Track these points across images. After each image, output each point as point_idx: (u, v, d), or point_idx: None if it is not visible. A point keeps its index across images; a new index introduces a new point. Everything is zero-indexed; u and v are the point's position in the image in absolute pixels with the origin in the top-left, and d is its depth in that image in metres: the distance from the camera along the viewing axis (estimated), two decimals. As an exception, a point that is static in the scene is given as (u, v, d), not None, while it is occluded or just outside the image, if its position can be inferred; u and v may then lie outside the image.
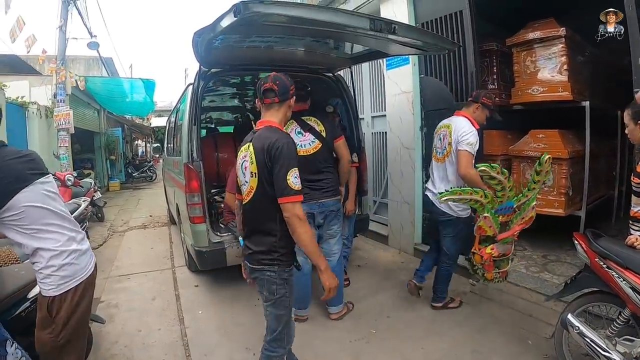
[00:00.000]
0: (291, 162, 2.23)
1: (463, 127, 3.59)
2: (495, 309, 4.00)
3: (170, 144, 6.72)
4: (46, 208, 1.98)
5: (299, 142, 3.57)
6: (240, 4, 2.43)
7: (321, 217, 3.75)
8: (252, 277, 2.45)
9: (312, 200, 3.62)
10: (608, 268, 2.53)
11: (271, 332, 2.47)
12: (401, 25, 3.20)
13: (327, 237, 3.87)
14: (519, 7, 5.50)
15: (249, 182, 2.33)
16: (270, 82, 2.39)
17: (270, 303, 2.39)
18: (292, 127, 3.73)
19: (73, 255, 2.06)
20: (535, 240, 5.59)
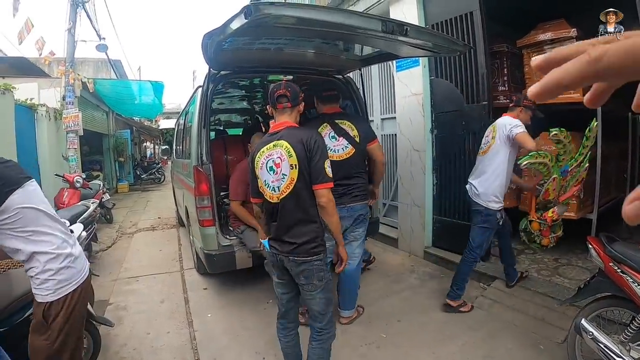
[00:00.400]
0: (325, 153, 2.54)
1: (507, 120, 3.82)
2: (507, 313, 3.95)
3: (179, 146, 6.72)
4: (39, 209, 1.99)
5: (332, 147, 3.65)
6: (251, 5, 2.41)
7: (349, 222, 3.75)
8: (298, 270, 2.55)
9: (341, 204, 3.58)
10: (622, 272, 2.50)
11: (322, 316, 2.66)
12: (413, 27, 3.19)
13: (350, 240, 3.82)
14: (530, 8, 5.46)
15: (289, 174, 2.50)
16: (283, 88, 2.59)
17: (320, 289, 2.58)
18: (326, 130, 3.74)
19: (69, 258, 2.08)
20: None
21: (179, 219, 8.18)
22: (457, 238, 5.27)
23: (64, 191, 7.44)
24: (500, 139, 3.79)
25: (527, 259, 5.12)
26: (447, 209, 5.46)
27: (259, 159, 2.63)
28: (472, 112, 4.97)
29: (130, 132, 19.39)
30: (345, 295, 3.91)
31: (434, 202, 5.58)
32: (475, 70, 4.91)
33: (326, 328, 2.69)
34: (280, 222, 2.57)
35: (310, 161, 2.48)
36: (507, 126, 3.74)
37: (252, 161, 2.69)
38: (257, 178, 2.66)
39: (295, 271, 2.57)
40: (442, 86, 5.33)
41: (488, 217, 3.88)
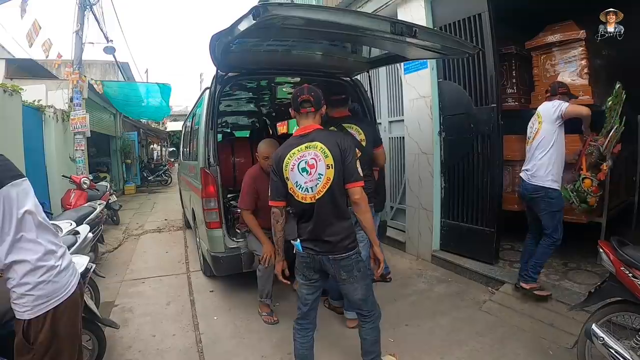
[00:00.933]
0: (355, 152, 2.70)
1: (550, 104, 3.96)
2: (516, 318, 3.90)
3: (187, 148, 6.72)
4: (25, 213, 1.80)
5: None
6: (259, 6, 2.40)
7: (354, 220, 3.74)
8: (339, 267, 2.66)
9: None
10: (634, 277, 2.46)
11: (364, 301, 2.79)
12: (422, 29, 3.16)
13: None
14: (538, 10, 5.42)
15: (325, 174, 2.61)
16: (306, 93, 2.68)
17: (361, 278, 2.73)
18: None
19: (51, 272, 1.85)
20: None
21: (186, 221, 8.18)
22: (465, 241, 5.25)
23: (71, 192, 7.47)
24: (548, 122, 3.92)
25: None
26: (455, 212, 5.41)
27: (288, 161, 2.69)
28: (480, 114, 4.93)
29: (137, 134, 19.49)
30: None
31: (442, 205, 5.54)
32: (483, 73, 4.88)
33: (372, 309, 2.84)
34: (317, 221, 2.67)
35: (344, 161, 2.59)
36: (552, 108, 3.88)
37: (278, 165, 2.73)
38: (286, 180, 2.72)
39: (335, 268, 2.68)
40: (450, 88, 5.30)
41: (551, 199, 3.95)
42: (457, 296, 4.50)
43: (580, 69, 4.81)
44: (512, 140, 5.41)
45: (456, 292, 4.61)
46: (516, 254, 5.36)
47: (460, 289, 4.68)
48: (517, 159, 5.34)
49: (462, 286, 4.76)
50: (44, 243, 1.86)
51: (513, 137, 5.42)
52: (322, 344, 3.58)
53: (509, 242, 5.76)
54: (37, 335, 1.81)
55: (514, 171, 5.47)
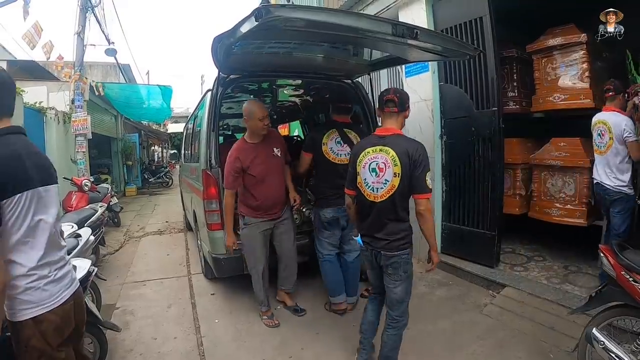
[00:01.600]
0: (427, 165, 2.74)
1: (621, 124, 4.01)
2: (517, 321, 3.89)
3: (188, 150, 6.73)
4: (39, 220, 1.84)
5: (336, 150, 4.03)
6: (261, 8, 2.40)
7: (345, 220, 4.02)
8: (388, 262, 2.85)
9: (338, 205, 3.84)
10: (635, 281, 2.46)
11: (399, 304, 2.98)
12: (423, 30, 3.17)
13: (349, 238, 4.11)
14: (539, 13, 5.43)
15: (391, 181, 2.75)
16: (392, 94, 2.86)
17: (405, 279, 2.91)
18: (333, 135, 4.05)
19: (42, 280, 1.85)
20: (555, 250, 5.50)
21: (187, 224, 8.17)
22: (466, 245, 5.25)
23: (72, 194, 7.47)
24: (618, 140, 4.04)
25: (536, 266, 5.07)
26: (456, 215, 5.42)
27: (363, 157, 2.88)
28: (481, 118, 4.93)
29: (138, 136, 19.51)
30: (349, 282, 4.23)
31: (443, 208, 5.54)
32: (485, 76, 4.88)
33: (402, 316, 3.00)
34: (374, 220, 2.87)
35: (413, 172, 2.70)
36: (623, 130, 3.98)
37: (355, 157, 2.96)
38: (357, 174, 2.92)
39: (385, 263, 2.87)
40: (451, 92, 5.30)
41: (628, 202, 4.11)
42: (458, 299, 4.50)
43: (582, 73, 4.82)
44: (513, 144, 5.43)
45: (457, 295, 4.60)
46: (517, 257, 5.38)
47: (461, 292, 4.67)
48: (518, 162, 5.38)
49: (463, 289, 4.75)
50: (46, 254, 1.87)
51: (514, 140, 5.45)
52: (322, 345, 3.61)
53: (510, 245, 5.77)
54: (28, 339, 1.82)
55: (514, 174, 5.49)
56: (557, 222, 5.01)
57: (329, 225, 4.05)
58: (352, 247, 4.15)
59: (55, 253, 1.95)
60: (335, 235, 4.11)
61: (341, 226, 4.09)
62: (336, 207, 3.93)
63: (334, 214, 3.99)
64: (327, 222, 4.03)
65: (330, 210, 3.99)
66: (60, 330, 1.92)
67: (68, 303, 1.96)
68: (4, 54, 14.26)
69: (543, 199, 5.19)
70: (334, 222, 4.04)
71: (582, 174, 4.81)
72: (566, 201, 4.96)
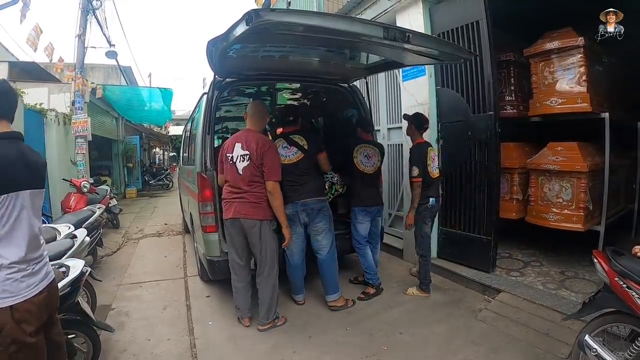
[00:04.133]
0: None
1: None
2: (511, 327, 3.88)
3: (186, 152, 6.74)
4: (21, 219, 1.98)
5: (284, 154, 4.18)
6: (252, 12, 2.40)
7: (304, 216, 4.22)
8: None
9: (295, 200, 4.17)
10: (628, 288, 2.45)
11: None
12: (415, 34, 3.17)
13: (314, 234, 4.30)
14: (537, 17, 5.44)
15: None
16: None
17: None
18: (279, 143, 4.25)
19: (20, 273, 1.96)
20: (552, 255, 5.49)
21: (185, 226, 8.17)
22: (462, 249, 5.24)
23: (71, 195, 7.48)
24: None
25: (533, 271, 5.05)
26: (453, 220, 5.42)
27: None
28: (478, 122, 4.93)
29: (139, 138, 19.53)
30: (326, 281, 4.39)
31: (440, 213, 5.53)
32: (481, 80, 4.88)
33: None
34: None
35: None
36: None
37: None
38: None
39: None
40: (448, 96, 5.30)
41: None
42: (453, 304, 4.48)
43: (579, 76, 4.81)
44: (511, 148, 5.43)
45: (452, 300, 4.59)
46: (513, 262, 5.36)
47: (457, 297, 4.66)
48: (515, 167, 5.38)
49: (459, 294, 4.75)
50: (27, 252, 2.00)
51: (511, 144, 5.45)
52: (313, 348, 3.60)
53: (507, 250, 5.76)
54: (3, 326, 1.90)
55: (511, 179, 5.49)
56: (554, 227, 5.00)
57: (290, 221, 4.11)
58: (319, 246, 4.31)
59: (36, 251, 2.08)
60: (297, 233, 4.24)
61: (302, 222, 4.24)
62: (293, 201, 4.16)
63: (292, 209, 4.15)
64: (288, 217, 4.08)
65: (290, 205, 4.13)
66: (34, 318, 2.01)
67: (42, 294, 2.07)
68: (5, 55, 14.31)
69: (540, 204, 5.18)
70: (294, 217, 4.17)
71: (579, 178, 4.80)
72: (563, 206, 4.95)
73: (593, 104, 4.70)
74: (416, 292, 4.72)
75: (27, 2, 6.98)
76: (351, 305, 4.43)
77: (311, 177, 4.27)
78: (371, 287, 4.74)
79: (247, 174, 3.82)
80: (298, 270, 4.42)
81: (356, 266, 5.42)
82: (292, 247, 4.23)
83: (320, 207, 4.25)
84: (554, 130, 5.58)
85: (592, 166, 4.79)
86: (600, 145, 4.87)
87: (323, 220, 4.28)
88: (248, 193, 3.83)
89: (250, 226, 3.83)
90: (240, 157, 3.84)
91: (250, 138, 3.89)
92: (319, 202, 4.26)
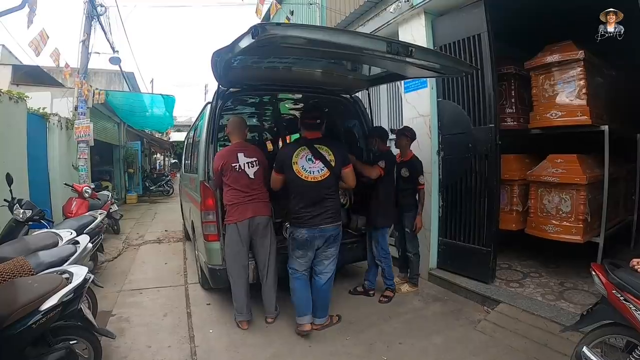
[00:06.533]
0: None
1: None
2: (510, 338, 3.90)
3: (188, 160, 6.76)
4: None
5: (307, 168, 3.86)
6: (258, 26, 2.45)
7: (321, 241, 3.96)
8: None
9: (314, 225, 3.86)
10: (625, 300, 2.48)
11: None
12: (418, 48, 3.21)
13: (322, 258, 4.06)
14: (538, 29, 5.49)
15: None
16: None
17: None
18: (303, 153, 3.90)
19: None
20: (552, 267, 5.51)
21: (186, 233, 8.18)
22: (462, 260, 5.26)
23: (73, 200, 7.50)
24: None
25: (532, 282, 5.07)
26: (453, 231, 5.43)
27: None
28: (478, 134, 4.97)
29: (140, 144, 19.55)
30: (319, 305, 4.14)
31: (440, 224, 5.56)
32: (482, 92, 4.93)
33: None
34: None
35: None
36: None
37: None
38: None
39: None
40: (449, 108, 5.35)
41: None
42: (452, 315, 4.50)
43: (579, 90, 4.84)
44: (511, 160, 5.46)
45: (451, 310, 4.61)
46: (513, 274, 5.38)
47: (456, 308, 4.67)
48: (515, 179, 5.42)
49: (458, 305, 4.76)
50: None
51: (511, 156, 5.48)
52: (313, 359, 3.62)
53: (506, 261, 5.78)
54: None
55: (511, 190, 5.52)
56: (554, 238, 5.02)
57: (303, 246, 3.95)
58: (323, 269, 4.08)
59: None
60: (308, 256, 4.02)
61: (315, 247, 3.97)
62: (311, 226, 3.87)
63: (308, 233, 3.89)
64: (302, 242, 3.93)
65: (304, 230, 3.89)
66: None
67: None
68: (10, 59, 14.39)
69: (540, 216, 5.21)
70: (308, 242, 3.92)
71: (578, 190, 4.82)
72: (562, 218, 4.97)
73: (593, 116, 4.74)
74: (409, 289, 5.14)
75: (34, 7, 7.02)
76: (336, 322, 4.29)
77: (332, 199, 3.99)
78: (390, 291, 4.94)
79: (259, 175, 4.22)
80: (303, 290, 4.11)
81: (357, 276, 5.47)
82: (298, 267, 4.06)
83: (337, 232, 4.02)
84: (554, 142, 5.61)
85: (592, 178, 4.82)
86: (600, 157, 4.90)
87: (335, 246, 4.08)
88: (261, 193, 4.21)
89: (265, 223, 4.19)
90: (248, 164, 4.16)
91: (249, 147, 4.35)
92: (337, 228, 4.00)
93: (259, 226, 4.15)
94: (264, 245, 4.20)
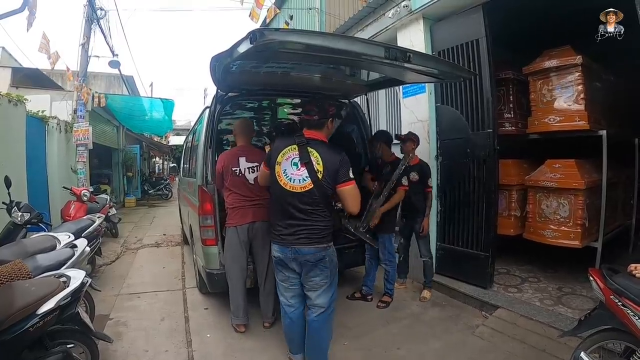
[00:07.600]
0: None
1: None
2: (508, 343, 3.89)
3: (187, 164, 6.76)
4: None
5: (289, 174, 3.11)
6: (256, 31, 2.45)
7: (297, 265, 3.19)
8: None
9: (285, 244, 3.15)
10: (623, 306, 2.48)
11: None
12: (416, 54, 3.21)
13: (308, 288, 3.24)
14: (536, 35, 5.51)
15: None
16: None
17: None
18: (290, 153, 3.16)
19: None
20: (550, 272, 5.51)
21: (184, 237, 8.16)
22: (460, 265, 5.26)
23: (71, 204, 7.49)
24: None
25: (530, 287, 5.07)
26: (451, 236, 5.44)
27: None
28: (477, 139, 4.98)
29: (139, 147, 19.53)
30: (311, 350, 3.37)
31: (438, 229, 5.56)
32: (480, 98, 4.94)
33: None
34: None
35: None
36: None
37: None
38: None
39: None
40: (447, 113, 5.36)
41: None
42: (451, 320, 4.50)
43: (577, 95, 4.86)
44: (509, 165, 5.47)
45: (450, 316, 4.60)
46: (511, 279, 5.38)
47: (454, 313, 4.67)
48: (513, 184, 5.42)
49: (456, 310, 4.76)
50: None
51: (509, 161, 5.49)
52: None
53: (504, 266, 5.78)
54: None
55: (510, 195, 5.52)
56: (552, 243, 5.03)
57: (279, 265, 3.30)
58: (312, 302, 3.25)
59: None
60: (290, 281, 3.29)
61: (294, 269, 3.21)
62: (283, 245, 3.17)
63: (280, 253, 3.22)
64: (277, 261, 3.29)
65: (276, 247, 3.25)
66: None
67: None
68: (10, 61, 14.41)
69: (538, 221, 5.22)
70: (283, 262, 3.23)
71: (576, 195, 4.84)
72: (561, 223, 4.98)
73: (591, 121, 4.76)
74: (428, 295, 5.11)
75: (33, 11, 7.04)
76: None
77: (314, 218, 3.08)
78: (389, 296, 4.94)
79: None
80: (294, 326, 3.40)
81: (355, 281, 5.46)
82: (284, 291, 3.38)
83: (319, 257, 3.11)
84: (553, 147, 5.62)
85: (590, 183, 4.83)
86: (598, 162, 4.92)
87: (322, 274, 3.16)
88: (262, 198, 4.06)
89: (265, 229, 4.01)
90: (249, 169, 4.14)
91: (253, 152, 4.31)
92: (318, 252, 3.09)
93: (259, 231, 4.13)
94: (264, 250, 4.15)
